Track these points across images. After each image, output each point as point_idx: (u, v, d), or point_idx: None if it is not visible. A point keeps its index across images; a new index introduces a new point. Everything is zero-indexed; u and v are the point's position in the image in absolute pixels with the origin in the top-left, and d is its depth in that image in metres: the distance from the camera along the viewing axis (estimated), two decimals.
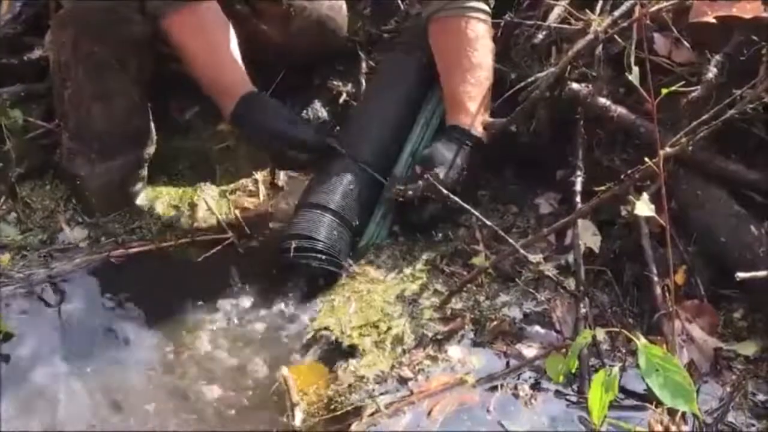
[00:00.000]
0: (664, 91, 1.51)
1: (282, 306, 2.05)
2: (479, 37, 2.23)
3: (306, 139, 2.17)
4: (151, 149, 2.35)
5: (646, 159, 1.60)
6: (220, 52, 2.24)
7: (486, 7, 2.26)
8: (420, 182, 2.09)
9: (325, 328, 1.97)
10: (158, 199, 2.34)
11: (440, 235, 2.20)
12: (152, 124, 2.35)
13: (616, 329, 1.81)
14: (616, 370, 1.47)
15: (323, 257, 2.06)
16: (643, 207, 1.53)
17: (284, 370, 1.86)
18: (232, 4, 2.41)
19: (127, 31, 2.21)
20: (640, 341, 1.52)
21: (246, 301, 2.07)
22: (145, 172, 2.35)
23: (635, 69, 1.51)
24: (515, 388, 1.82)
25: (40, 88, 2.54)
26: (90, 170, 2.28)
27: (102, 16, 2.18)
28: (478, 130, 2.19)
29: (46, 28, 2.54)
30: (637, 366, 1.74)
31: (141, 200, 2.33)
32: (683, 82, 1.90)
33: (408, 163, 2.25)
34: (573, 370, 1.64)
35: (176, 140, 2.52)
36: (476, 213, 2.08)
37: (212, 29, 2.25)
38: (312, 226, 2.08)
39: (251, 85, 2.23)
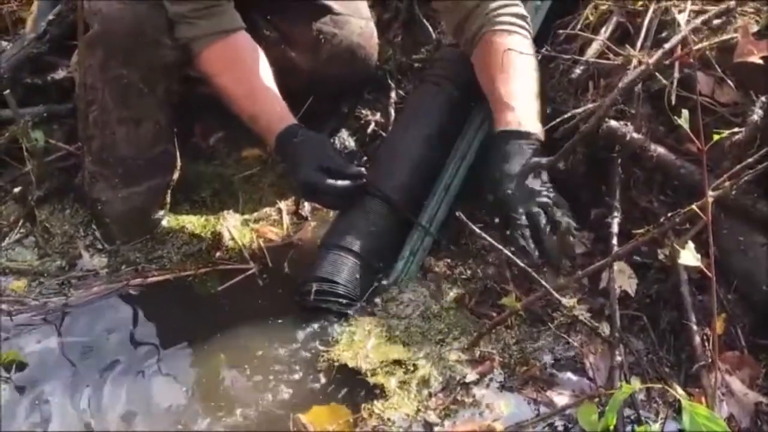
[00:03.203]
0: (716, 137, 1.45)
1: (303, 341, 2.01)
2: (517, 45, 2.16)
3: (338, 189, 2.10)
4: (175, 175, 2.33)
5: (694, 207, 1.53)
6: (256, 86, 2.23)
7: (528, 27, 2.22)
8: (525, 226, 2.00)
9: (348, 366, 1.93)
10: (180, 226, 2.32)
11: (468, 272, 2.16)
12: (177, 150, 2.33)
13: (657, 385, 1.75)
14: (657, 427, 1.40)
15: (344, 301, 2.05)
16: (689, 256, 1.47)
17: (302, 418, 1.81)
18: (260, 29, 2.39)
19: (157, 55, 2.20)
20: (683, 398, 1.45)
21: (265, 336, 2.02)
22: (168, 198, 2.33)
23: (685, 112, 1.45)
24: None
25: (62, 110, 2.54)
26: (112, 195, 2.26)
27: (132, 39, 2.17)
28: (531, 126, 2.09)
29: (71, 48, 2.52)
30: (675, 419, 1.71)
31: (163, 228, 2.31)
32: (735, 129, 1.84)
33: (441, 198, 2.21)
34: (611, 428, 1.57)
35: (200, 166, 2.52)
36: (506, 251, 2.02)
37: (246, 61, 2.24)
38: (333, 269, 2.05)
39: (289, 118, 2.20)
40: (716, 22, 2.10)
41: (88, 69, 2.22)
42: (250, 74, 2.23)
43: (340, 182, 2.09)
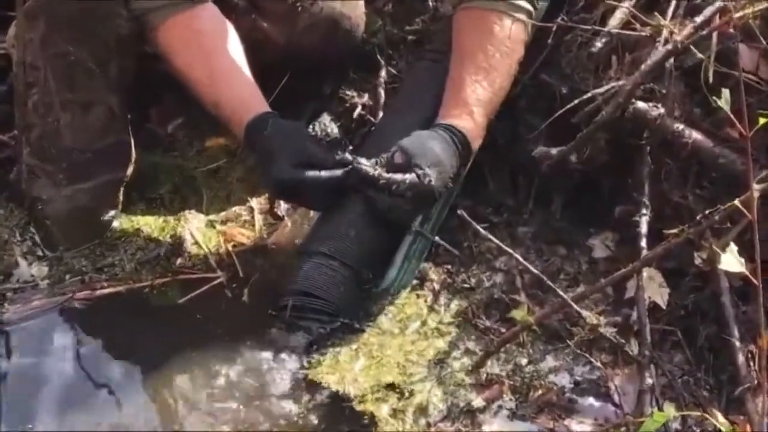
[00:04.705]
0: (762, 120, 1.43)
1: (279, 363, 2.00)
2: (508, 38, 2.19)
3: (320, 182, 2.08)
4: (129, 169, 2.32)
5: (736, 202, 1.52)
6: (220, 67, 2.22)
7: (527, 6, 2.22)
8: (407, 177, 2.03)
9: (332, 391, 1.93)
10: (134, 229, 2.31)
11: (472, 280, 2.16)
12: (132, 139, 2.32)
13: (694, 412, 1.74)
14: None
15: (326, 318, 2.05)
16: (731, 261, 1.46)
17: None
18: None
19: (109, 28, 2.19)
20: (725, 426, 1.45)
21: (235, 356, 2.02)
22: (120, 196, 2.32)
23: (725, 91, 1.43)
24: None
25: None
26: (54, 193, 2.25)
27: (79, 9, 2.15)
28: (475, 144, 2.15)
29: (5, 20, 2.51)
30: None
31: (114, 231, 2.29)
32: None
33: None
34: None
35: (156, 157, 2.51)
36: (516, 255, 2.02)
37: (209, 38, 2.24)
38: (314, 280, 2.05)
39: (259, 106, 2.19)
40: None
41: (27, 45, 2.20)
42: (214, 53, 2.22)
43: (324, 173, 2.07)
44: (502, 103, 2.22)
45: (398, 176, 2.03)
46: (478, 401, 1.89)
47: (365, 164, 2.05)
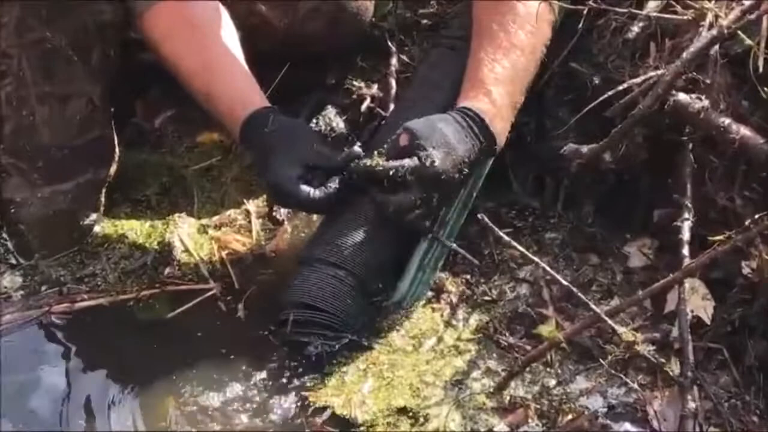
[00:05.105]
0: None
1: (278, 384, 2.00)
2: (530, 16, 2.18)
3: (318, 201, 2.08)
4: (112, 168, 2.33)
5: None
6: (214, 57, 2.24)
7: None
8: (406, 161, 2.02)
9: (338, 416, 1.93)
10: (118, 235, 2.32)
11: (494, 292, 2.16)
12: (115, 135, 2.33)
13: None
14: None
15: (331, 334, 2.05)
16: None
17: None
18: None
19: (92, 12, 2.20)
20: None
21: (229, 377, 2.01)
22: (102, 198, 2.33)
23: None
24: None
25: None
26: (29, 194, 2.26)
27: None
28: (496, 127, 2.12)
29: None
30: None
31: (95, 236, 2.30)
32: None
33: (457, 197, 2.20)
34: None
35: (143, 155, 2.52)
36: (543, 264, 2.02)
37: (203, 25, 2.26)
38: (317, 291, 2.05)
39: (257, 100, 2.20)
40: None
41: (0, 30, 2.21)
42: (206, 42, 2.24)
43: (318, 193, 2.07)
44: (527, 92, 2.21)
45: (396, 162, 2.02)
46: (500, 427, 1.89)
47: (361, 152, 2.07)
